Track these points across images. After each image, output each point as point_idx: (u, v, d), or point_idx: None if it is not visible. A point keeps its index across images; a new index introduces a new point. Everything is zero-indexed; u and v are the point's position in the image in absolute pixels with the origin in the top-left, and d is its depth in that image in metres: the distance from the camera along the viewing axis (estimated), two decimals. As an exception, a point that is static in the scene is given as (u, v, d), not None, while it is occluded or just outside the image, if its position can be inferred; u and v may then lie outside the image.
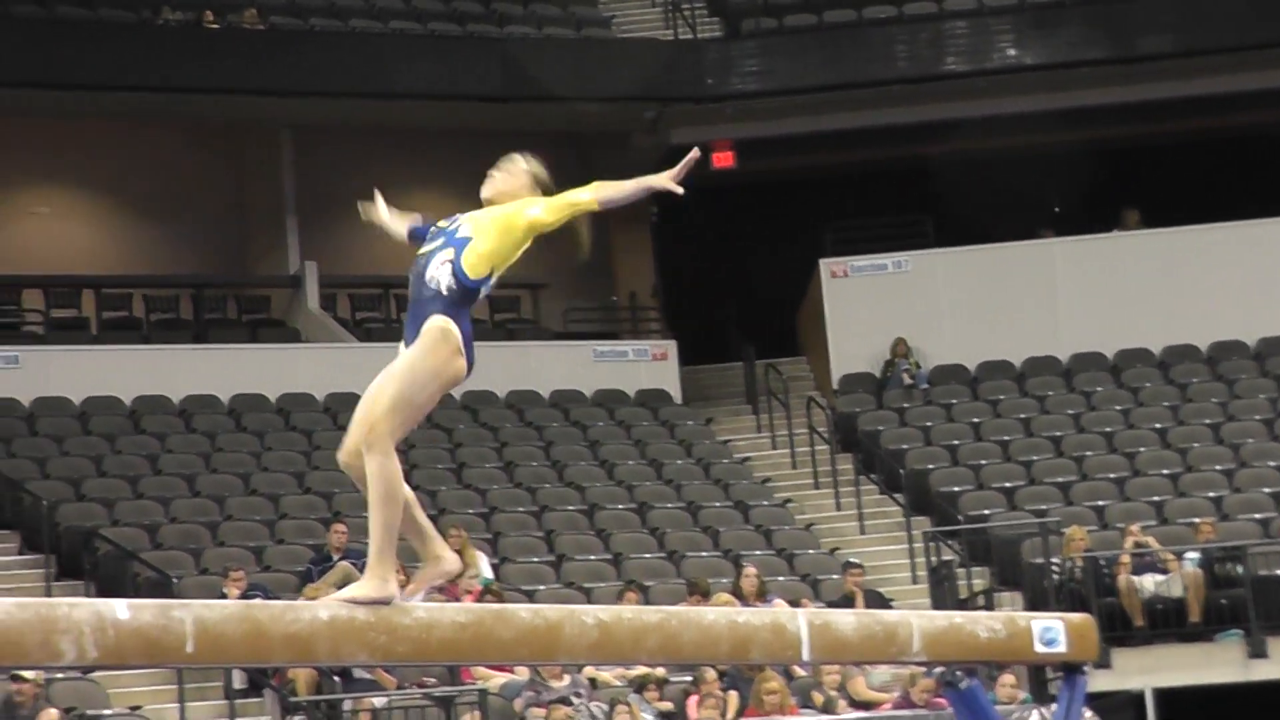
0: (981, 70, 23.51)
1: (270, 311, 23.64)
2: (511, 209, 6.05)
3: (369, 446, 5.62)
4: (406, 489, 5.73)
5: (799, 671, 14.89)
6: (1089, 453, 20.60)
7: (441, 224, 6.05)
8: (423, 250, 5.98)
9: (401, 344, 5.90)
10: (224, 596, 14.92)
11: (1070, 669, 7.13)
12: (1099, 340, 22.58)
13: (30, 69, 21.25)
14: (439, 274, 5.83)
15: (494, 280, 5.94)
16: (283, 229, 23.72)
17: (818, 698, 14.75)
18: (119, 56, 21.57)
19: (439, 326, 5.78)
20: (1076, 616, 7.15)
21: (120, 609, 5.06)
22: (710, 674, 14.60)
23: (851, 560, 17.60)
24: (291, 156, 23.77)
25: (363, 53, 22.22)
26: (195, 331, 22.63)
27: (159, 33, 22.54)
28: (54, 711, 12.63)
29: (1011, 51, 23.61)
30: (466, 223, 5.97)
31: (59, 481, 18.73)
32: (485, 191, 6.20)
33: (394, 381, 5.75)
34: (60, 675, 13.80)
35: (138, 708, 14.47)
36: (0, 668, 4.93)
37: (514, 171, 6.28)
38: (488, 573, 16.94)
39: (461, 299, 5.82)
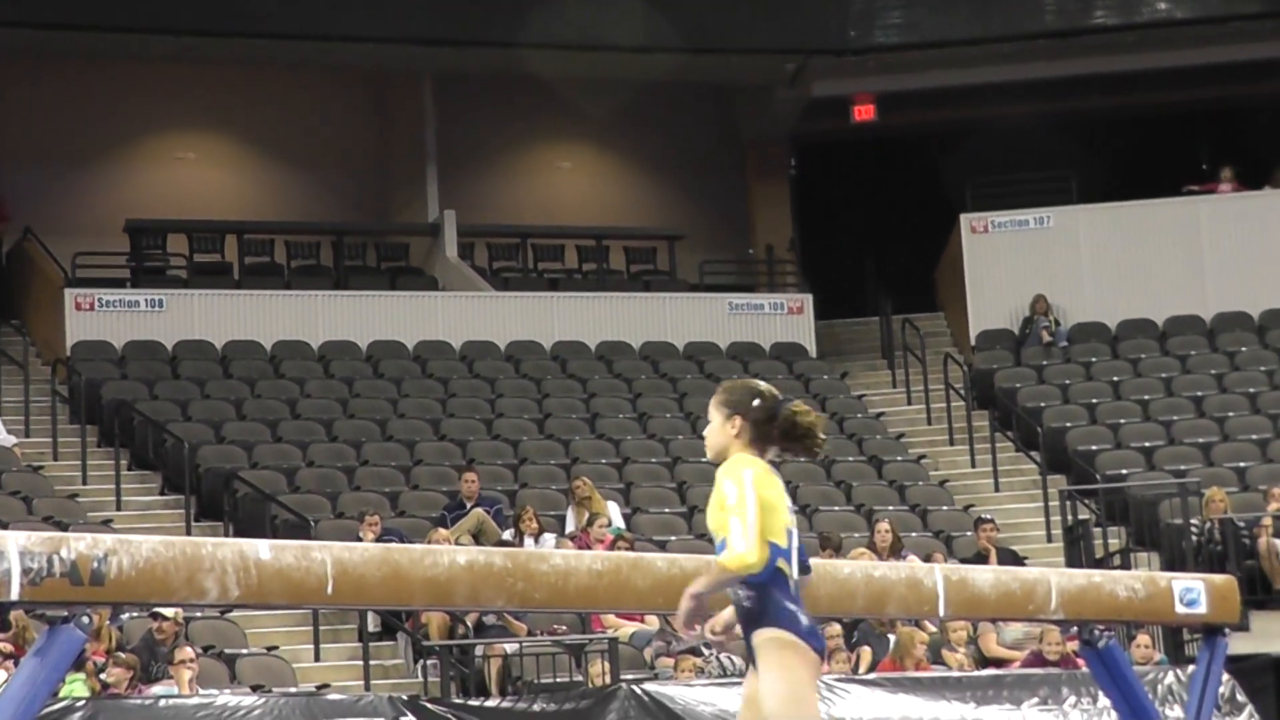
0: (1131, 24, 23.14)
1: (409, 259, 23.80)
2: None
3: None
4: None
5: (930, 627, 14.81)
6: (1231, 413, 20.32)
7: None
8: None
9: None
10: (359, 541, 15.05)
11: (1211, 631, 7.04)
12: (1244, 299, 22.24)
13: (175, 17, 21.45)
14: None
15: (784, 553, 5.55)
16: (423, 178, 23.85)
17: (951, 657, 14.65)
18: (264, 4, 21.73)
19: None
20: (1219, 578, 7.06)
21: (263, 549, 5.13)
22: (833, 628, 14.55)
23: (984, 516, 17.49)
24: (433, 106, 23.87)
25: (505, 2, 22.23)
26: (335, 278, 22.83)
27: (304, -20, 22.68)
28: (190, 650, 12.82)
29: (1162, 5, 23.21)
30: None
31: (200, 424, 18.98)
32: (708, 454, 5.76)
33: None
34: (199, 615, 14.00)
35: (274, 648, 14.66)
36: (145, 604, 5.00)
37: (709, 412, 5.75)
38: (619, 521, 16.99)
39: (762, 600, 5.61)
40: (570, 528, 16.78)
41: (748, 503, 5.34)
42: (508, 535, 16.24)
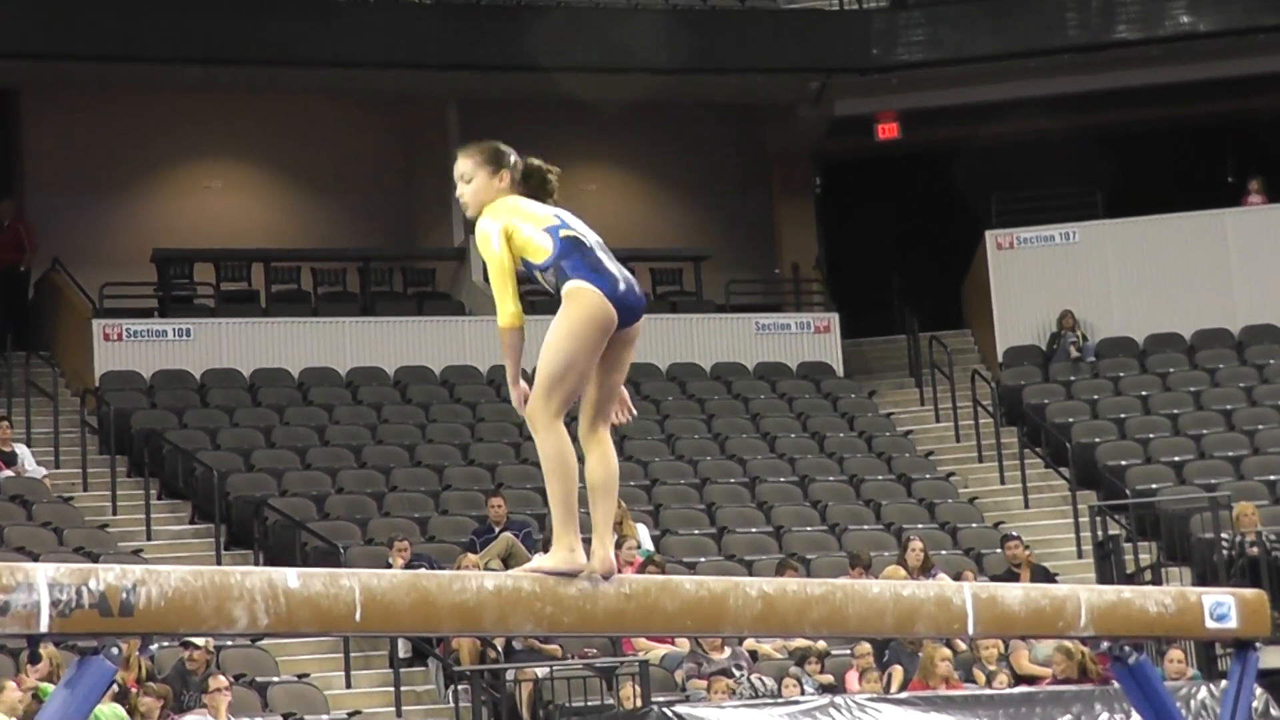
0: (1154, 38, 23.10)
1: (435, 284, 23.83)
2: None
3: (531, 428, 5.79)
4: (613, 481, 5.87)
5: (960, 645, 14.79)
6: (1261, 426, 20.25)
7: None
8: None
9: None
10: (389, 566, 15.06)
11: (1242, 645, 7.00)
12: (1272, 312, 22.18)
13: (203, 45, 21.54)
14: None
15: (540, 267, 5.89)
16: (448, 202, 23.80)
17: (980, 676, 14.63)
18: (290, 32, 21.80)
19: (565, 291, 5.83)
20: (1249, 592, 7.02)
21: (291, 578, 5.13)
22: (864, 646, 14.55)
23: (1013, 534, 17.44)
24: (458, 130, 23.91)
25: (530, 25, 22.27)
26: (362, 304, 22.86)
27: (329, 8, 22.73)
28: (224, 678, 12.84)
29: (1185, 18, 23.16)
30: None
31: (229, 452, 19.03)
32: (468, 214, 6.06)
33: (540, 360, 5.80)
34: (230, 643, 14.03)
35: (305, 675, 14.67)
36: (175, 634, 5.01)
37: (465, 175, 6.08)
38: (648, 544, 16.98)
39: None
40: (600, 550, 16.73)
41: (498, 251, 5.83)
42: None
